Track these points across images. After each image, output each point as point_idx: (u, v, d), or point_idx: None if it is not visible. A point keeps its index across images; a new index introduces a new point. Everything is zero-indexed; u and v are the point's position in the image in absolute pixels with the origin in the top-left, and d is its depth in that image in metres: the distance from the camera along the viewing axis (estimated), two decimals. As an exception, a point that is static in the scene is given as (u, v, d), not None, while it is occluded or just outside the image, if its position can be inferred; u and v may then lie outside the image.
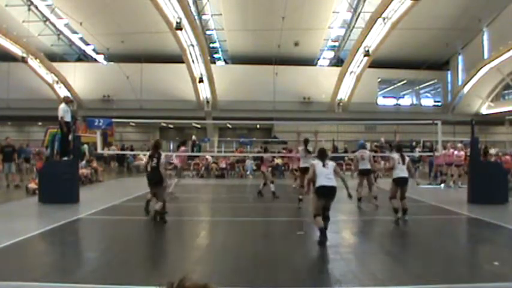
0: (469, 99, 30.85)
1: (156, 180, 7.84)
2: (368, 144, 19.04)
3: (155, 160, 7.83)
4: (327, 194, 6.34)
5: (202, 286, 1.31)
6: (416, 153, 17.85)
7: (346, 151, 23.55)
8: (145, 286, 4.30)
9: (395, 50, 27.98)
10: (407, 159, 8.36)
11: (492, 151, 16.39)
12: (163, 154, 8.01)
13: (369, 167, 10.22)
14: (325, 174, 6.36)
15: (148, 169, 8.00)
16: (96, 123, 11.13)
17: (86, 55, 32.71)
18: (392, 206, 8.12)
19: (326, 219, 6.44)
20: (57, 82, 29.04)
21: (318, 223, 6.34)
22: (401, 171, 8.12)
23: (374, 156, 12.59)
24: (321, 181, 6.32)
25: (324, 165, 6.45)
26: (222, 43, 31.62)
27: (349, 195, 6.80)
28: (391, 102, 33.52)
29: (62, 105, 11.06)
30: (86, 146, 18.70)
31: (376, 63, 28.09)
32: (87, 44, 31.37)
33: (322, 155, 6.69)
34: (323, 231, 6.26)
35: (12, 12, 25.32)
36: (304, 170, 9.72)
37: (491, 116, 30.77)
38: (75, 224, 8.04)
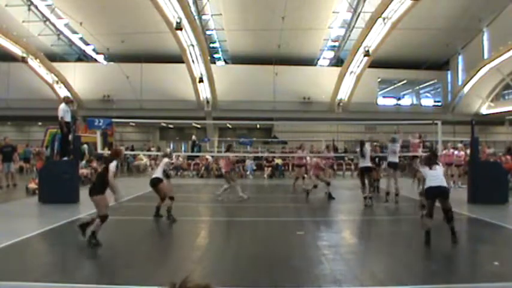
0: (469, 99, 30.84)
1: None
2: (368, 144, 19.04)
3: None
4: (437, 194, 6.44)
5: (204, 287, 1.30)
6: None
7: (346, 151, 23.55)
8: (146, 286, 4.31)
9: (395, 50, 27.98)
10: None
11: (489, 151, 16.40)
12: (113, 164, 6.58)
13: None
14: (431, 176, 6.50)
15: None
16: (96, 123, 11.13)
17: (86, 55, 32.71)
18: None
19: (450, 220, 6.35)
20: (57, 82, 29.03)
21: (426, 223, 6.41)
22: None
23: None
24: (429, 182, 6.46)
25: (431, 168, 6.60)
26: (222, 43, 31.61)
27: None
28: (391, 102, 33.52)
29: (62, 105, 11.06)
30: (85, 146, 18.71)
31: (376, 63, 28.08)
32: (87, 44, 31.37)
33: (430, 160, 6.84)
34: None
35: (12, 12, 25.30)
36: (366, 170, 9.97)
37: (491, 116, 30.76)
38: (75, 224, 8.03)
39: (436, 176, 6.47)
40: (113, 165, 6.37)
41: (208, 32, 29.61)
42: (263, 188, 15.64)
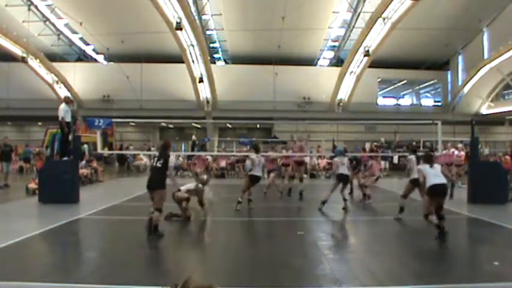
0: (469, 99, 30.84)
1: (154, 183, 6.97)
2: (368, 144, 19.06)
3: (161, 161, 7.02)
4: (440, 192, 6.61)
5: (207, 287, 1.29)
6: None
7: (345, 151, 23.50)
8: (146, 286, 4.31)
9: (395, 50, 27.98)
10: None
11: (486, 151, 16.42)
12: (172, 156, 7.31)
13: (347, 172, 9.99)
14: (433, 174, 6.65)
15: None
16: (96, 123, 11.12)
17: (86, 55, 32.70)
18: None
19: (442, 218, 6.56)
20: (57, 82, 29.04)
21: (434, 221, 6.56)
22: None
23: (375, 156, 12.57)
24: (433, 179, 6.57)
25: (431, 167, 6.77)
26: (222, 43, 31.61)
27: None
28: (391, 102, 33.52)
29: (62, 106, 11.06)
30: (86, 146, 18.72)
31: (376, 63, 28.08)
32: (87, 44, 31.36)
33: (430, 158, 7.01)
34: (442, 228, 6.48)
35: (12, 12, 25.29)
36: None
37: (491, 116, 30.75)
38: (75, 224, 8.04)
39: (438, 174, 6.66)
40: (172, 160, 6.94)
41: (208, 32, 29.61)
42: (263, 188, 15.63)
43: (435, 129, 11.60)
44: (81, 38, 30.73)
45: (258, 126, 33.59)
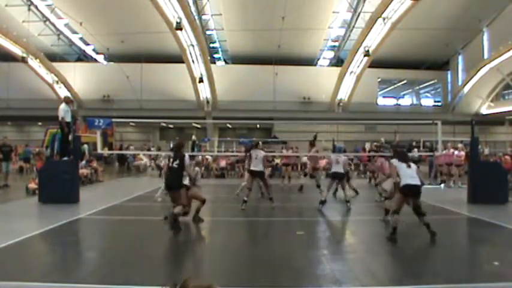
0: (469, 99, 30.86)
1: (172, 183, 7.25)
2: (368, 144, 19.06)
3: (177, 161, 7.23)
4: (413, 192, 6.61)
5: (206, 287, 1.29)
6: (416, 154, 17.84)
7: (345, 151, 23.47)
8: (146, 286, 4.30)
9: (395, 50, 27.99)
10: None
11: (486, 151, 16.42)
12: (187, 155, 7.44)
13: (342, 170, 9.98)
14: (409, 174, 6.60)
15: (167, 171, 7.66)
16: (96, 123, 11.11)
17: (86, 55, 32.72)
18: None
19: (423, 215, 6.64)
20: (57, 82, 29.06)
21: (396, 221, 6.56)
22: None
23: (374, 157, 12.57)
24: (408, 180, 6.55)
25: (409, 166, 6.73)
26: (222, 43, 31.63)
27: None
28: (391, 102, 33.54)
29: (62, 106, 11.05)
30: (86, 146, 18.71)
31: (376, 63, 28.10)
32: (87, 44, 31.38)
33: (406, 157, 6.98)
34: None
35: (12, 12, 25.31)
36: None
37: (491, 116, 30.77)
38: (75, 224, 8.04)
39: (414, 175, 6.61)
40: (187, 158, 7.32)
41: (208, 32, 29.63)
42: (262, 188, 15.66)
43: (435, 129, 11.58)
44: (81, 38, 30.75)
45: (258, 126, 33.59)
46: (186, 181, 7.71)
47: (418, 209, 6.63)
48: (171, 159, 7.37)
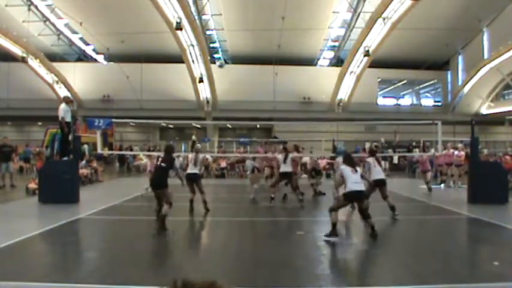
0: (469, 99, 30.85)
1: (158, 182, 7.38)
2: (368, 144, 19.07)
3: (166, 163, 7.46)
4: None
5: (209, 284, 1.28)
6: (416, 154, 17.86)
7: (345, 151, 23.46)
8: (146, 286, 4.30)
9: (395, 50, 27.99)
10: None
11: (485, 151, 16.43)
12: (176, 159, 7.92)
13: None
14: (354, 180, 6.61)
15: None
16: (96, 123, 11.13)
17: (86, 55, 32.71)
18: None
19: (368, 217, 6.70)
20: (57, 82, 29.05)
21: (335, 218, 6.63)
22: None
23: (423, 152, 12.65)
24: (353, 186, 6.56)
25: (356, 171, 6.73)
26: (222, 43, 31.61)
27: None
28: (391, 102, 33.53)
29: (62, 106, 11.05)
30: (86, 146, 18.71)
31: (376, 63, 28.09)
32: (87, 44, 31.37)
33: (353, 161, 6.96)
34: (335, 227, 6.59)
35: (12, 12, 25.30)
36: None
37: (491, 116, 30.77)
38: (75, 224, 8.04)
39: (358, 181, 6.65)
40: (176, 163, 7.72)
41: (208, 32, 29.61)
42: (263, 187, 15.63)
43: (435, 129, 11.60)
44: (81, 38, 30.73)
45: (258, 126, 33.59)
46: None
47: (364, 211, 6.70)
48: (160, 159, 7.69)
